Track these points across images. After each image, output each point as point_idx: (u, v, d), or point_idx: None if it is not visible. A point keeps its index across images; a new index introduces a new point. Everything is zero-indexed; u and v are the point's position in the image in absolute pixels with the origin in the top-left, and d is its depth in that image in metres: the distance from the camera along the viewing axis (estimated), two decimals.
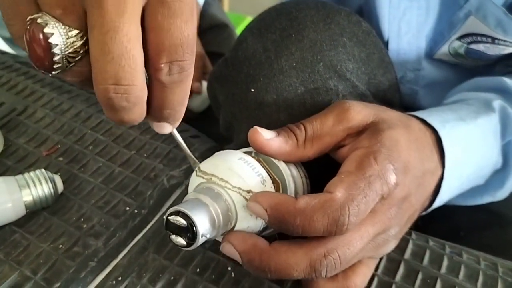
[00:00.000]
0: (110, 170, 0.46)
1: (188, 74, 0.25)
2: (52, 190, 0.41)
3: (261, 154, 0.33)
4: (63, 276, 0.37)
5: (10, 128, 0.51)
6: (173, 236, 0.29)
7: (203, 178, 0.31)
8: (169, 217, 0.28)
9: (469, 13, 0.46)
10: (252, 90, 0.38)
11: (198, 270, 0.37)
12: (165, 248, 0.39)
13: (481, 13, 0.45)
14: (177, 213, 0.28)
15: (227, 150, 0.33)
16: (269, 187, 0.31)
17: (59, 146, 0.49)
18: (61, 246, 0.39)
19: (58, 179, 0.42)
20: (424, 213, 0.38)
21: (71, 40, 0.23)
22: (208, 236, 0.29)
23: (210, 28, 0.84)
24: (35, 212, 0.42)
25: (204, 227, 0.28)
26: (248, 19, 1.56)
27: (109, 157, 0.47)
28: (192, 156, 0.34)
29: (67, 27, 0.22)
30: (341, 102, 0.34)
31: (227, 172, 0.31)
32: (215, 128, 0.49)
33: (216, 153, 0.33)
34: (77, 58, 0.23)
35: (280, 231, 0.31)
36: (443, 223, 0.51)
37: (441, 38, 0.50)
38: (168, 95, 0.25)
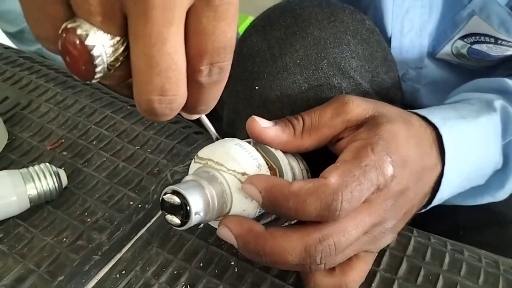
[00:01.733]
0: (114, 165, 0.46)
1: (226, 74, 0.24)
2: (56, 184, 0.41)
3: (259, 144, 0.34)
4: (67, 269, 0.37)
5: (14, 122, 0.51)
6: (168, 216, 0.29)
7: (200, 163, 0.32)
8: (164, 196, 0.29)
9: (472, 12, 0.46)
10: (256, 87, 0.38)
11: (201, 264, 0.38)
12: (169, 243, 0.39)
13: (484, 13, 0.45)
14: (172, 192, 0.28)
15: (225, 138, 0.34)
16: (264, 171, 0.32)
17: (63, 140, 0.49)
18: (65, 239, 0.40)
19: (62, 173, 0.42)
20: (423, 210, 0.38)
21: (113, 48, 0.21)
22: (202, 215, 0.29)
23: None
24: (39, 206, 0.42)
25: (197, 205, 0.28)
26: (250, 19, 1.55)
27: (113, 152, 0.48)
28: (218, 136, 0.34)
29: (109, 35, 0.21)
30: (341, 96, 0.34)
31: (223, 156, 0.31)
32: (217, 124, 0.50)
33: (215, 142, 0.34)
34: (117, 65, 0.22)
35: (273, 213, 0.32)
36: (443, 221, 0.51)
37: (444, 37, 0.50)
38: (204, 95, 0.25)
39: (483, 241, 0.45)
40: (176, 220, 0.29)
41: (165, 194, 0.29)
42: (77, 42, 0.20)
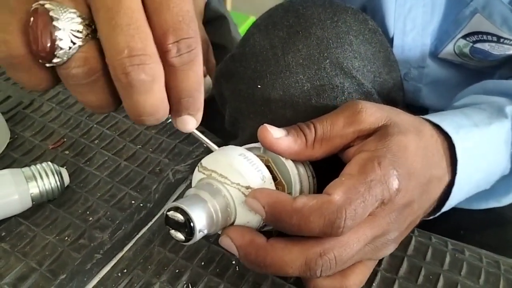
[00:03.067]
0: (116, 164, 0.46)
1: (197, 53, 0.25)
2: (58, 183, 0.41)
3: (269, 152, 0.34)
4: (69, 268, 0.37)
5: (17, 121, 0.51)
6: (172, 231, 0.29)
7: (203, 174, 0.32)
8: (168, 213, 0.29)
9: (475, 10, 0.46)
10: (259, 86, 0.38)
11: (202, 263, 0.38)
12: (170, 241, 0.39)
13: (487, 11, 0.45)
14: (176, 209, 0.28)
15: (229, 146, 0.34)
16: (269, 183, 0.32)
17: (65, 139, 0.49)
18: (67, 238, 0.40)
19: (64, 172, 0.42)
20: (431, 217, 0.38)
21: (75, 21, 0.23)
22: (206, 231, 0.29)
23: (209, 21, 0.85)
24: (41, 205, 0.42)
25: (201, 223, 0.29)
26: (251, 19, 1.55)
27: (115, 151, 0.48)
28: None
29: (70, 9, 0.22)
30: (354, 103, 0.34)
31: (226, 168, 0.31)
32: (219, 123, 0.50)
33: (218, 149, 0.33)
34: (80, 40, 0.23)
35: (276, 228, 0.32)
36: (443, 222, 0.51)
37: (447, 36, 0.50)
38: (183, 80, 0.25)
39: (484, 241, 0.45)
40: (180, 236, 0.29)
41: (169, 210, 0.29)
42: (42, 17, 0.22)
